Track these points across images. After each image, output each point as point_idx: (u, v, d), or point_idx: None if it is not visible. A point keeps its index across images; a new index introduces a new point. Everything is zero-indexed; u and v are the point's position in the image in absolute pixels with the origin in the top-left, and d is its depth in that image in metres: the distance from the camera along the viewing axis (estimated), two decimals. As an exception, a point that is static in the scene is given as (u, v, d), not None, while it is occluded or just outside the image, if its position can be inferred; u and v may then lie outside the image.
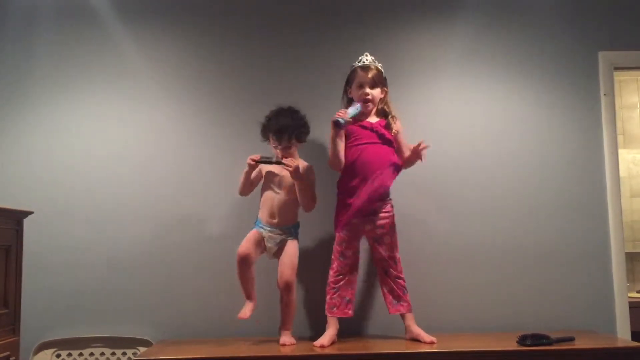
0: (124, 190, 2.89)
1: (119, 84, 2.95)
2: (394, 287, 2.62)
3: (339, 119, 2.49)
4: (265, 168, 2.68)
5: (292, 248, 2.64)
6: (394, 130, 2.64)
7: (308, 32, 3.02)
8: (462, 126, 3.00)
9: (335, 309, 2.59)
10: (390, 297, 2.63)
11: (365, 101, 2.62)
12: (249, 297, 2.63)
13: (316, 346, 2.50)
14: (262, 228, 2.64)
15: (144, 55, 2.98)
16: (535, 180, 2.98)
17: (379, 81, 2.66)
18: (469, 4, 3.06)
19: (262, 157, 2.61)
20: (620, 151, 3.17)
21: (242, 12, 3.02)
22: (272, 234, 2.63)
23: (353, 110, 2.56)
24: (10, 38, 2.96)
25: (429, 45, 3.04)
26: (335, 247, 2.63)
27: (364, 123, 2.63)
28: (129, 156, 2.91)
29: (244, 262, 2.59)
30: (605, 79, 3.03)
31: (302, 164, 2.66)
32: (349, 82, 2.70)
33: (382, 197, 2.60)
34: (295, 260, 2.63)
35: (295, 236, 2.67)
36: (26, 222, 2.36)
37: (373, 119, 2.67)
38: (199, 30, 3.00)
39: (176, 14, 3.01)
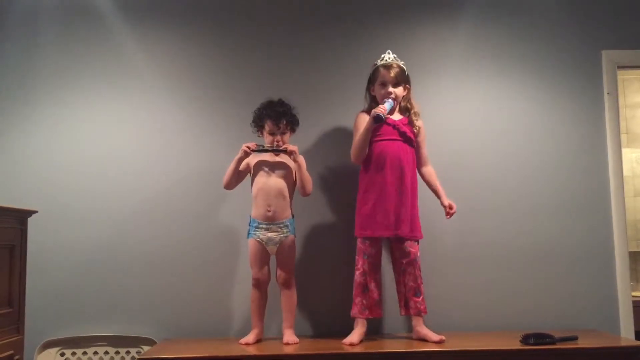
0: (127, 189, 2.89)
1: (121, 84, 2.96)
2: (412, 286, 2.59)
3: (380, 114, 2.49)
4: (256, 159, 2.68)
5: (290, 244, 2.65)
6: (416, 128, 2.66)
7: (312, 31, 3.03)
8: (465, 125, 3.00)
9: (367, 310, 2.57)
10: (405, 298, 2.62)
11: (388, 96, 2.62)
12: (255, 324, 2.64)
13: (345, 344, 2.50)
14: (258, 229, 2.63)
15: (147, 55, 2.98)
16: (538, 179, 2.98)
17: (402, 79, 2.65)
18: (471, 2, 3.06)
19: (258, 146, 2.62)
20: (624, 150, 3.17)
21: (244, 11, 3.03)
22: (270, 234, 2.62)
23: (388, 105, 2.56)
24: (13, 38, 2.97)
25: (431, 44, 3.04)
26: (359, 246, 2.62)
27: (387, 120, 2.61)
28: (132, 156, 2.92)
29: (259, 285, 2.63)
30: (608, 77, 3.03)
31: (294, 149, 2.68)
32: (371, 81, 2.70)
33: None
34: (294, 256, 2.65)
35: (292, 232, 2.67)
36: (30, 221, 2.36)
37: (396, 117, 2.67)
38: (201, 30, 3.01)
39: (178, 13, 3.01)
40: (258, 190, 2.65)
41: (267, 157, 2.68)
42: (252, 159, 2.69)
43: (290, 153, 2.62)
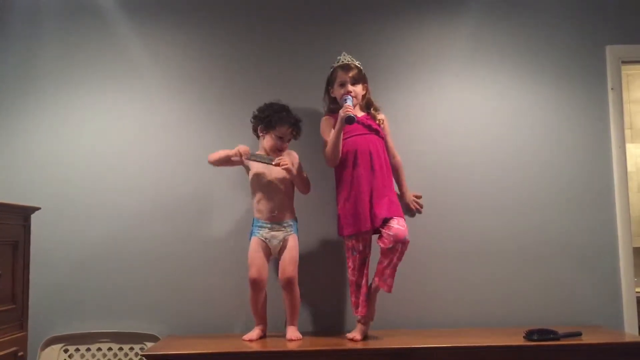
0: (130, 186, 2.89)
1: (123, 80, 2.96)
2: (396, 262, 2.51)
3: (352, 115, 2.52)
4: (255, 166, 2.67)
5: (292, 243, 2.64)
6: (378, 119, 2.71)
7: (312, 29, 3.01)
8: (468, 121, 2.99)
9: (360, 307, 2.58)
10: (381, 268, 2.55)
11: (347, 94, 2.64)
12: (258, 322, 2.64)
13: (348, 338, 2.52)
14: (262, 228, 2.63)
15: (149, 52, 2.98)
16: (542, 175, 2.97)
17: (360, 78, 2.70)
18: (474, -2, 3.06)
19: (252, 155, 2.62)
20: (628, 145, 3.15)
21: (247, 9, 3.02)
22: (274, 232, 2.62)
23: (350, 102, 2.60)
24: (15, 35, 2.96)
25: (435, 40, 3.03)
26: (346, 245, 2.62)
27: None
28: (135, 152, 2.92)
29: (256, 285, 2.60)
30: (612, 72, 3.01)
31: (290, 154, 2.69)
32: (330, 83, 2.75)
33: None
34: (296, 255, 2.63)
35: (295, 231, 2.67)
36: (33, 217, 2.36)
37: (359, 114, 2.69)
38: (203, 28, 3.00)
39: (180, 11, 3.01)
40: (261, 195, 2.65)
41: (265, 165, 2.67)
42: (253, 163, 2.68)
43: (287, 170, 2.61)
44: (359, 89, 2.69)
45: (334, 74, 2.72)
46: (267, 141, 2.69)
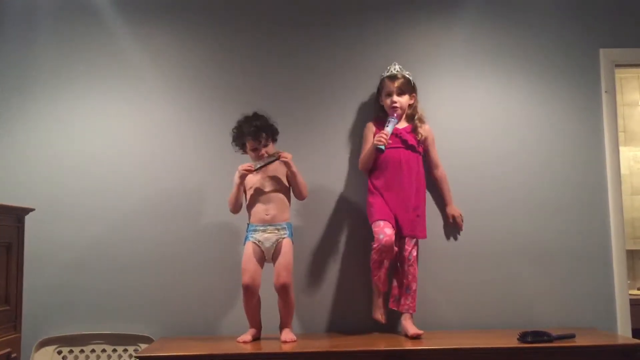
0: (124, 187, 2.89)
1: (119, 81, 2.95)
2: (405, 283, 2.68)
3: (381, 147, 2.60)
4: (252, 176, 2.66)
5: (287, 248, 2.61)
6: (420, 135, 2.75)
7: (309, 34, 3.01)
8: (462, 124, 3.00)
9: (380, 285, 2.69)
10: (397, 294, 2.71)
11: (393, 109, 2.72)
12: (252, 324, 2.64)
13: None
14: (255, 231, 2.61)
15: (144, 53, 2.97)
16: (536, 178, 2.98)
17: (407, 89, 2.76)
18: (469, 1, 3.06)
19: (255, 164, 2.62)
20: (621, 149, 3.17)
21: (242, 12, 3.02)
22: (266, 235, 2.61)
23: (391, 127, 2.66)
24: (11, 36, 2.96)
25: (428, 44, 3.04)
26: (373, 229, 2.67)
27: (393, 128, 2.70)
28: (130, 153, 2.91)
29: (249, 292, 2.57)
30: (606, 76, 3.03)
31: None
32: (379, 92, 2.82)
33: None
34: (291, 260, 2.60)
35: (289, 235, 2.64)
36: (27, 219, 2.36)
37: (402, 124, 2.76)
38: (201, 28, 3.00)
39: (176, 12, 3.00)
40: (255, 201, 2.64)
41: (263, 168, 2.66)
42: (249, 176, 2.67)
43: (285, 163, 2.61)
44: (404, 99, 2.75)
45: (382, 83, 2.80)
46: (250, 157, 2.68)
